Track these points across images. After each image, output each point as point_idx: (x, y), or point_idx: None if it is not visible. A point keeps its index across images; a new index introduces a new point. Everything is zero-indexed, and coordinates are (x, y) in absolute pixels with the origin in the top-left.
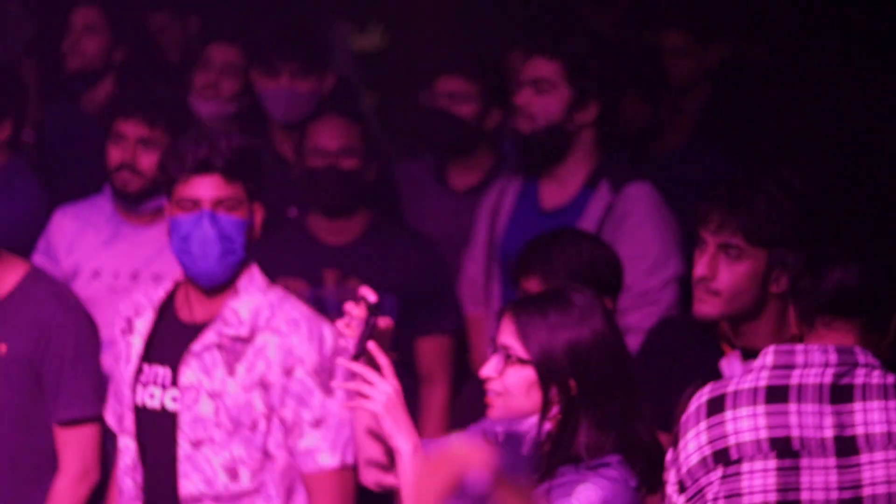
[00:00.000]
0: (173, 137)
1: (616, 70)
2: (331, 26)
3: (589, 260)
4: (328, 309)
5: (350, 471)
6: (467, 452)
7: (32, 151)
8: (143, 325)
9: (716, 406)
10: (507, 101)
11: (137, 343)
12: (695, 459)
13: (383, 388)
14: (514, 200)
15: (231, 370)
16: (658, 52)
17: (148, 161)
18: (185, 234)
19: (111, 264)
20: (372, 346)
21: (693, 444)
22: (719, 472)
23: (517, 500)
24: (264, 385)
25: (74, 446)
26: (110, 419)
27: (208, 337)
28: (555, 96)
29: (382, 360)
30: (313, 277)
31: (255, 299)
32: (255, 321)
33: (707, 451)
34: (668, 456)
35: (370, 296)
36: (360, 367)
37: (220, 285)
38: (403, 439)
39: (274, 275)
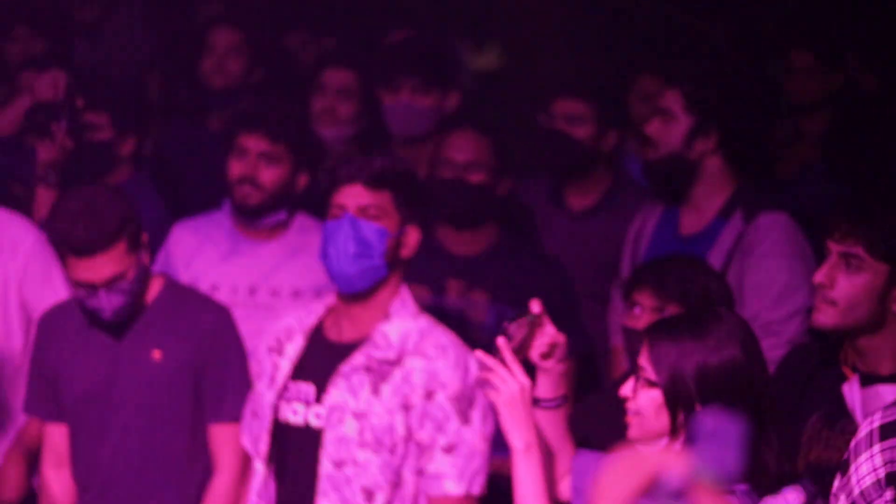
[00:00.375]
0: (294, 153)
1: (737, 97)
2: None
3: (702, 285)
4: (449, 319)
5: (474, 501)
6: (663, 451)
7: (151, 166)
8: (293, 348)
9: (889, 430)
10: (623, 122)
11: (285, 365)
12: (868, 481)
13: (510, 385)
14: (655, 226)
15: (376, 391)
16: (774, 76)
17: (269, 176)
18: (327, 237)
19: (229, 279)
20: (502, 343)
21: (866, 466)
22: (890, 493)
23: (712, 502)
24: (406, 407)
25: (233, 445)
26: (246, 440)
27: (357, 359)
28: (675, 125)
29: (510, 360)
30: (437, 286)
31: (405, 324)
32: (403, 345)
33: (881, 472)
34: (836, 483)
35: (535, 306)
36: (493, 361)
37: (360, 294)
38: (518, 436)
39: None
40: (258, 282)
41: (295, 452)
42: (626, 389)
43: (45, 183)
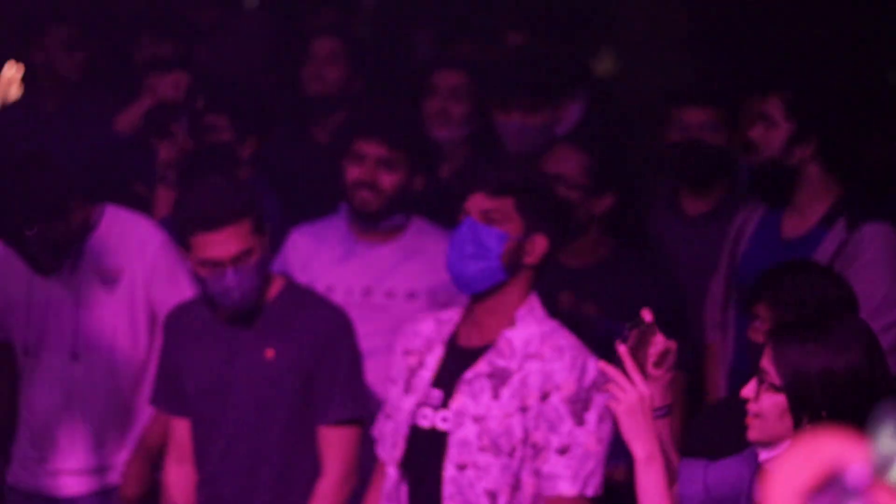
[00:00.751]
0: (410, 157)
1: (839, 105)
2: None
3: (819, 293)
4: None
5: (588, 503)
6: (843, 444)
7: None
8: (433, 358)
9: None
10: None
11: (426, 374)
12: None
13: (631, 394)
14: (756, 228)
15: (496, 394)
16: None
17: (388, 181)
18: (451, 241)
19: (344, 281)
20: (623, 352)
21: None
22: None
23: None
24: (523, 409)
25: (340, 448)
26: (379, 445)
27: (481, 366)
28: (776, 131)
29: (631, 369)
30: (547, 297)
31: (530, 330)
32: (525, 350)
33: None
34: None
35: (647, 315)
36: (614, 371)
37: (479, 296)
38: (640, 445)
39: None
40: (373, 284)
41: (423, 456)
42: (748, 391)
43: (164, 183)
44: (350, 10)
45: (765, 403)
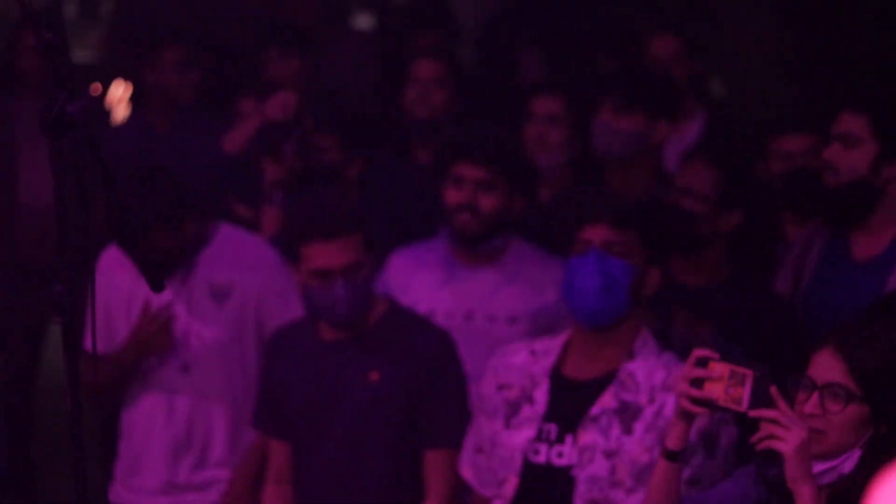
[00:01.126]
0: (509, 180)
1: None
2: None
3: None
4: (673, 349)
5: None
6: None
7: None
8: (541, 393)
9: None
10: None
11: (537, 411)
12: None
13: (797, 432)
14: (823, 250)
15: (628, 429)
16: None
17: (487, 203)
18: (571, 272)
19: (445, 305)
20: (775, 393)
21: None
22: None
23: None
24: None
25: (445, 472)
26: (471, 475)
27: (607, 401)
28: (861, 151)
29: (785, 408)
30: (662, 312)
31: (650, 362)
32: (652, 384)
33: None
34: None
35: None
36: (776, 413)
37: (602, 329)
38: (808, 486)
39: None
40: (474, 308)
41: (540, 493)
42: (812, 407)
43: (271, 203)
44: (454, 32)
45: (836, 416)
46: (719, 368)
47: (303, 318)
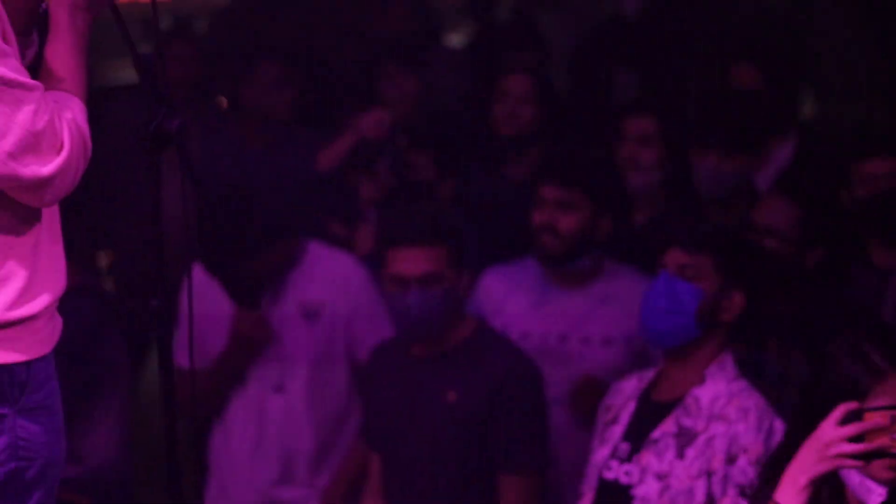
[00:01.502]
0: (593, 199)
1: None
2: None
3: None
4: (767, 376)
5: None
6: None
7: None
8: (626, 413)
9: None
10: None
11: (617, 430)
12: None
13: None
14: None
15: (681, 454)
16: None
17: (566, 223)
18: (644, 293)
19: (539, 327)
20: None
21: None
22: None
23: None
24: (708, 473)
25: (519, 496)
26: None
27: (668, 426)
28: None
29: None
30: (756, 342)
31: (718, 388)
32: (711, 409)
33: None
34: None
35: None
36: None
37: (670, 351)
38: None
39: None
40: (569, 330)
41: None
42: None
43: (366, 221)
44: (545, 52)
45: None
46: (875, 417)
47: (395, 335)
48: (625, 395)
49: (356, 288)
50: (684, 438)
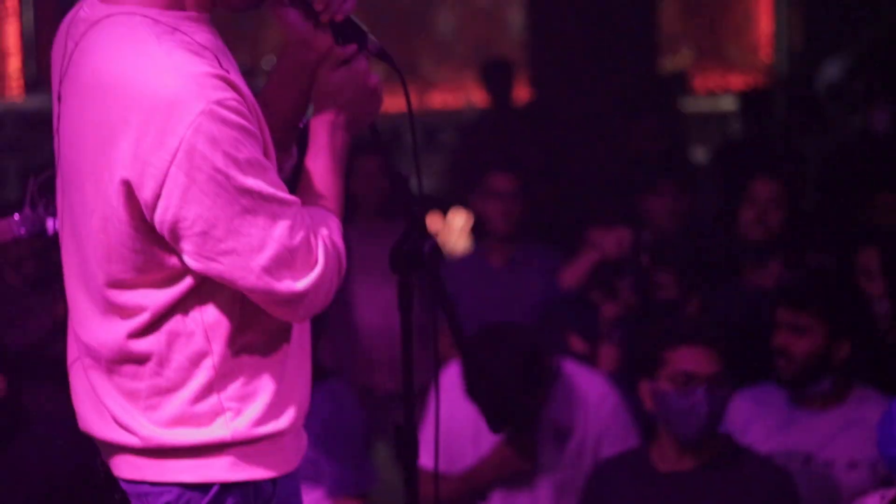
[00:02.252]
0: (828, 322)
1: None
2: None
3: None
4: None
5: None
6: None
7: None
8: None
9: None
10: None
11: None
12: None
13: None
14: None
15: None
16: None
17: (798, 347)
18: (882, 418)
19: (784, 448)
20: None
21: None
22: None
23: None
24: None
25: None
26: None
27: None
28: None
29: None
30: None
31: None
32: None
33: None
34: None
35: None
36: None
37: None
38: None
39: None
40: (813, 451)
41: None
42: None
43: (608, 340)
44: (799, 163)
45: None
46: None
47: (637, 447)
48: None
49: (607, 409)
50: None
